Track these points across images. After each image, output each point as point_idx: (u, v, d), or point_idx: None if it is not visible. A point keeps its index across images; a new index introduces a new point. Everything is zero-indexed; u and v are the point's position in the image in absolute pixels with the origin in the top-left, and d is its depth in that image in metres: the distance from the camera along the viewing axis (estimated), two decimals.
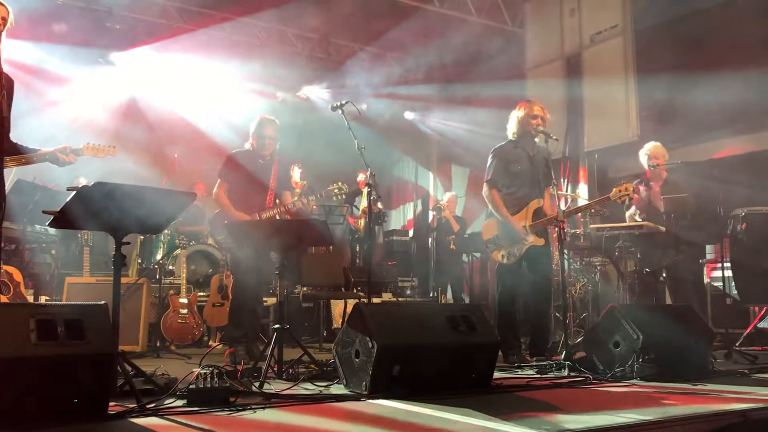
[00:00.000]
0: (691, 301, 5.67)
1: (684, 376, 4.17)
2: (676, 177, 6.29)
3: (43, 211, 3.56)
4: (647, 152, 6.29)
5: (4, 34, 3.72)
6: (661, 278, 6.18)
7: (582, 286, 7.07)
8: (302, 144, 10.90)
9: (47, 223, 3.51)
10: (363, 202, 9.65)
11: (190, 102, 11.12)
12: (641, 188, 6.28)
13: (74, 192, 3.28)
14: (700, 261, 6.57)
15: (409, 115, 13.11)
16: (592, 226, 6.69)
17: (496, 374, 4.07)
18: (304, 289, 7.78)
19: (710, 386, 3.97)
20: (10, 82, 3.82)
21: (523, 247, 5.30)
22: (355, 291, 8.15)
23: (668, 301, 6.25)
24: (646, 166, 6.32)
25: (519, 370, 4.79)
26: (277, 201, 5.51)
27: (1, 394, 2.63)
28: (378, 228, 11.06)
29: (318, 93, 12.48)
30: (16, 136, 3.98)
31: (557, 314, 6.57)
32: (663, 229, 5.93)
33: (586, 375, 4.28)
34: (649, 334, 4.27)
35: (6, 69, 3.71)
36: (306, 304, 7.86)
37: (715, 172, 6.94)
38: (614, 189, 5.25)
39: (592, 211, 7.09)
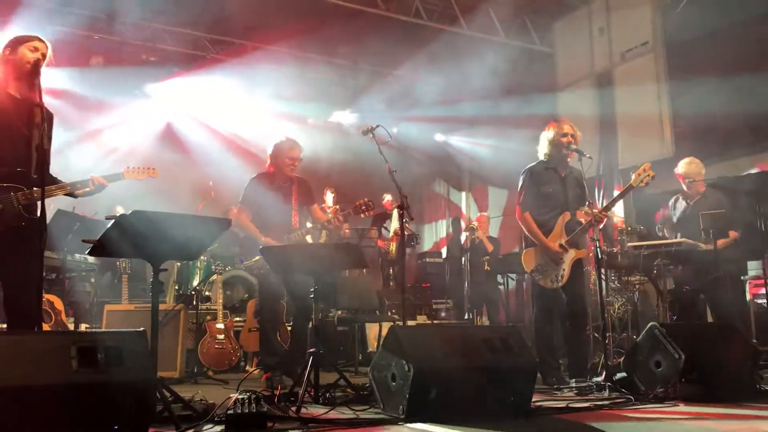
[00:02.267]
0: (733, 319, 5.54)
1: (729, 396, 4.07)
2: (714, 194, 6.18)
3: (83, 240, 3.63)
4: (682, 168, 6.22)
5: (43, 69, 3.84)
6: (702, 296, 6.06)
7: (621, 306, 6.96)
8: (334, 169, 10.99)
9: (87, 252, 3.58)
10: (394, 224, 9.65)
11: (224, 129, 11.32)
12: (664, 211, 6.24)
13: (112, 221, 3.34)
14: (742, 278, 6.43)
15: (439, 137, 13.13)
16: (629, 244, 6.60)
17: (535, 397, 4.01)
18: (339, 312, 7.78)
19: (756, 406, 3.86)
20: (49, 116, 3.92)
21: (567, 265, 5.24)
22: (389, 314, 8.13)
23: (709, 319, 6.12)
24: (682, 182, 6.24)
25: (558, 392, 4.72)
26: (308, 219, 5.53)
27: (43, 420, 2.66)
28: (410, 250, 11.05)
29: (348, 118, 12.59)
30: (58, 167, 4.07)
31: (596, 335, 6.47)
32: (702, 245, 5.83)
33: (628, 396, 4.19)
34: (692, 354, 4.17)
35: (45, 103, 3.82)
36: (341, 328, 7.85)
37: (753, 187, 6.82)
38: (633, 176, 5.20)
39: (629, 229, 7.01)
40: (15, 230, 3.66)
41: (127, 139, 10.50)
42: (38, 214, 3.69)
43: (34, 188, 3.72)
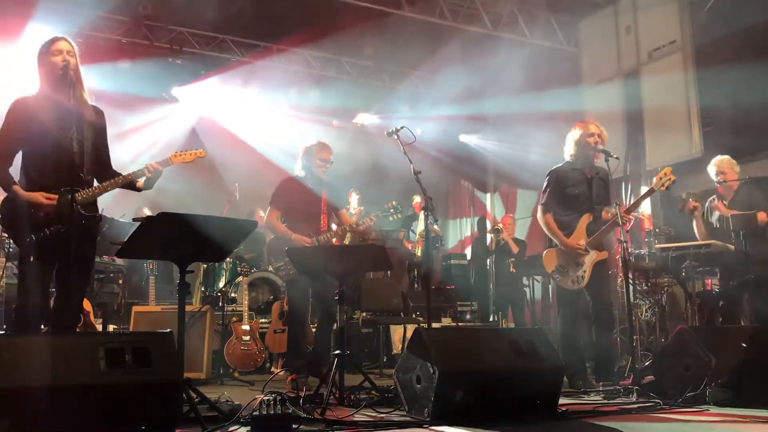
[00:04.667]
0: (764, 322, 5.44)
1: (761, 401, 3.98)
2: (747, 192, 6.06)
3: (111, 242, 3.69)
4: (715, 166, 6.11)
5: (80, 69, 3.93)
6: (732, 298, 5.96)
7: (648, 308, 6.87)
8: (358, 170, 11.01)
9: (114, 254, 3.63)
10: (420, 226, 9.64)
11: (250, 131, 11.40)
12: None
13: (139, 223, 3.38)
14: None
15: (464, 138, 13.09)
16: (657, 246, 6.52)
17: (562, 400, 3.97)
18: (364, 314, 7.78)
19: None
20: (93, 118, 4.00)
21: (588, 266, 5.19)
22: (414, 316, 8.11)
23: (740, 322, 6.01)
24: (714, 181, 6.13)
25: (585, 396, 4.67)
26: (335, 223, 5.55)
27: (72, 420, 2.70)
28: (435, 252, 11.02)
29: (373, 119, 12.60)
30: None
31: (623, 337, 6.40)
32: (732, 247, 5.73)
33: (656, 400, 4.13)
34: (722, 357, 4.10)
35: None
36: (365, 330, 7.86)
37: None
38: (654, 179, 5.14)
39: (657, 230, 6.92)
40: (76, 230, 3.74)
41: (153, 142, 10.63)
42: (95, 213, 3.92)
43: (95, 185, 3.89)
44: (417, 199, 9.87)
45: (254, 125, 11.45)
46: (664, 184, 5.10)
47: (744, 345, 4.18)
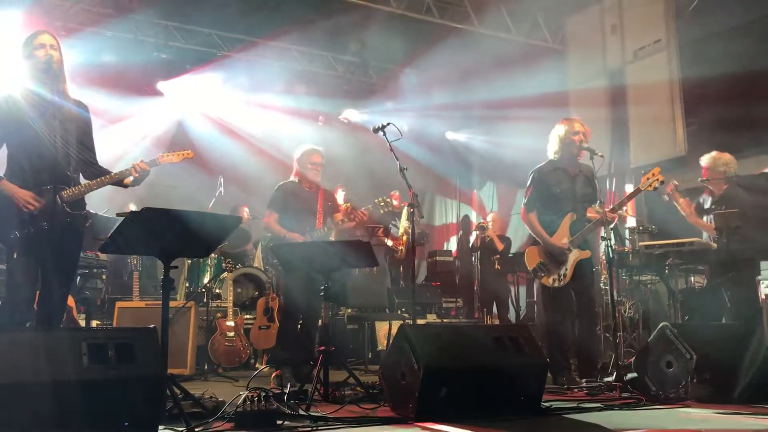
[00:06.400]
0: (746, 320, 5.49)
1: (742, 397, 4.03)
2: (734, 191, 6.08)
3: (95, 237, 3.66)
4: (705, 161, 6.12)
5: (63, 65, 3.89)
6: (714, 296, 6.00)
7: (632, 305, 6.92)
8: (344, 166, 10.99)
9: (98, 249, 3.60)
10: (404, 223, 9.63)
11: (235, 126, 11.36)
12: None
13: (124, 218, 3.35)
14: (756, 278, 6.35)
15: (450, 135, 13.10)
16: (641, 243, 6.55)
17: (545, 396, 3.99)
18: (349, 310, 7.78)
19: None
20: (76, 114, 3.95)
21: (570, 265, 5.21)
22: (399, 312, 8.12)
23: (722, 319, 6.06)
24: (699, 180, 6.15)
25: (569, 392, 4.70)
26: (329, 221, 5.66)
27: (54, 416, 2.68)
28: (421, 248, 11.02)
29: (359, 115, 12.58)
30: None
31: (607, 334, 6.44)
32: (714, 245, 5.77)
33: (639, 397, 4.17)
34: (704, 354, 4.14)
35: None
36: (351, 326, 7.86)
37: None
38: (642, 179, 5.18)
39: (640, 228, 6.96)
40: (61, 228, 3.73)
41: (138, 136, 10.57)
42: (81, 210, 3.89)
43: (82, 183, 3.87)
44: (395, 202, 9.84)
45: (240, 120, 11.41)
46: (651, 184, 5.13)
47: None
